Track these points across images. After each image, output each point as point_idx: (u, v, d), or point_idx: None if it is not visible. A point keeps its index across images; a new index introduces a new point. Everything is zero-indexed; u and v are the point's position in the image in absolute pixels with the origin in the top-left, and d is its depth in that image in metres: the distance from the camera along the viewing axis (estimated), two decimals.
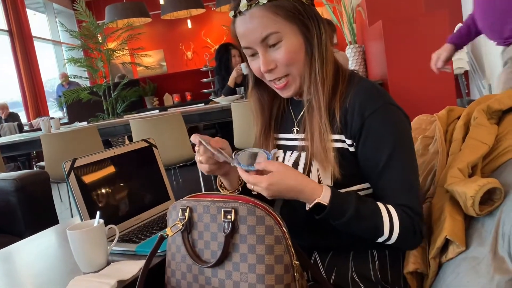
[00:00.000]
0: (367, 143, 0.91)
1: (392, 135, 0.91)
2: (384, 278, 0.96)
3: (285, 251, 0.80)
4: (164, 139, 3.24)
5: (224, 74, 4.35)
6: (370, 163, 0.92)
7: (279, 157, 1.05)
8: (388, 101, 0.93)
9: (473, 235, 0.89)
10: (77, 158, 1.16)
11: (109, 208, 1.20)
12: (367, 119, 0.90)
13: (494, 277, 0.77)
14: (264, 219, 0.81)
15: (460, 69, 4.94)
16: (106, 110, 4.80)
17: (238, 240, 0.82)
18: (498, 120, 1.08)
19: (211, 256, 0.86)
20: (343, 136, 0.94)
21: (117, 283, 0.90)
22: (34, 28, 7.64)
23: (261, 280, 0.79)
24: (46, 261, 1.11)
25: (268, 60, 0.95)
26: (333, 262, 0.99)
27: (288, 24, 0.93)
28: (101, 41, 5.04)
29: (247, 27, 0.94)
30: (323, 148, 0.93)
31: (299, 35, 0.94)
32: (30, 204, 2.06)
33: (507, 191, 0.86)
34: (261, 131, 1.09)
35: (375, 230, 0.88)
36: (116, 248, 1.07)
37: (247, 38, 0.95)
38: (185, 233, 0.90)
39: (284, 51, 0.93)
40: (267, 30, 0.92)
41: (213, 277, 0.86)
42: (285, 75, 0.97)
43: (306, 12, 0.94)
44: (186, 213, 0.90)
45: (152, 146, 1.38)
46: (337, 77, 0.97)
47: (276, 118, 1.09)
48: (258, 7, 0.92)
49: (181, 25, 8.82)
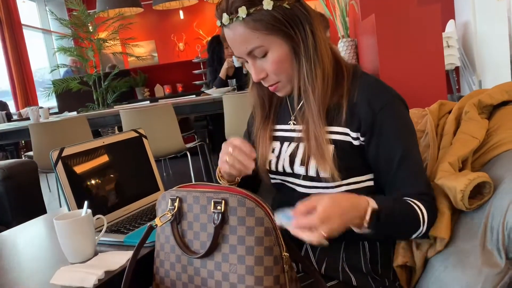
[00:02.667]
0: (382, 138, 0.93)
1: (403, 127, 0.95)
2: (374, 269, 0.97)
3: (274, 243, 0.80)
4: (154, 130, 3.22)
5: (216, 66, 4.33)
6: (385, 156, 0.93)
7: (275, 148, 1.05)
8: (394, 94, 0.96)
9: (462, 229, 0.90)
10: (65, 147, 1.14)
11: (98, 198, 1.18)
12: (378, 115, 0.92)
13: (482, 271, 0.77)
14: (254, 210, 0.80)
15: (451, 65, 4.96)
16: (96, 100, 4.74)
17: (228, 231, 0.82)
18: (489, 114, 1.09)
19: (200, 247, 0.86)
20: (348, 129, 0.95)
21: (105, 274, 0.89)
22: (24, 16, 7.52)
23: (250, 271, 0.79)
24: (32, 251, 1.10)
25: (258, 70, 0.97)
26: (324, 253, 0.99)
27: (270, 37, 0.92)
28: (91, 30, 4.97)
29: (233, 40, 0.95)
30: (318, 147, 0.94)
31: (283, 44, 0.94)
32: (18, 193, 2.04)
33: (496, 185, 0.86)
34: (260, 123, 1.10)
35: (415, 225, 0.89)
36: (104, 239, 1.06)
37: (235, 50, 0.97)
38: (174, 223, 0.90)
39: (271, 62, 0.95)
40: (250, 45, 0.93)
41: (202, 268, 0.85)
42: (276, 82, 0.98)
43: (287, 18, 0.92)
44: (176, 203, 0.90)
45: (142, 137, 1.36)
46: (337, 72, 0.98)
47: (275, 109, 1.10)
48: (238, 21, 0.92)
49: (173, 15, 8.74)
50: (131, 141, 1.34)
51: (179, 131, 3.41)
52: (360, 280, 0.96)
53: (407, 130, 0.95)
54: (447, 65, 4.77)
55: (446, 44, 4.84)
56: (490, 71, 4.94)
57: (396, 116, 0.94)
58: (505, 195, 0.82)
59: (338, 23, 4.43)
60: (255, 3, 0.90)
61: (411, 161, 0.93)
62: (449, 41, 4.88)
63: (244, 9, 0.90)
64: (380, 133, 0.93)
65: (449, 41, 4.88)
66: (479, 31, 5.02)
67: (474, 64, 5.10)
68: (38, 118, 3.78)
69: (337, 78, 0.97)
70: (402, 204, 0.89)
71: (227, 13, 0.92)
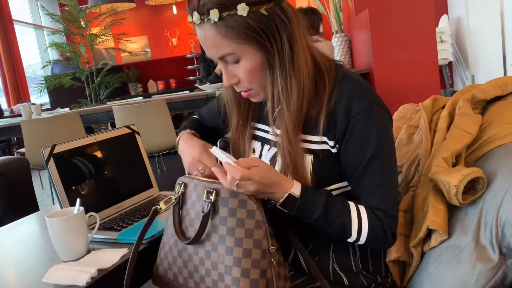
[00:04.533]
0: (350, 143, 0.89)
1: (375, 137, 0.88)
2: (365, 267, 0.96)
3: (264, 236, 0.81)
4: (148, 126, 3.21)
5: (209, 61, 4.31)
6: (351, 163, 0.90)
7: (256, 148, 1.03)
8: (374, 101, 0.89)
9: (456, 224, 0.90)
10: (57, 144, 1.13)
11: (90, 196, 1.17)
12: (352, 120, 0.88)
13: (476, 266, 0.78)
14: (246, 202, 0.82)
15: (444, 60, 4.98)
16: (89, 96, 4.72)
17: (218, 222, 0.83)
18: (483, 110, 1.09)
19: (193, 234, 0.88)
20: (325, 137, 0.91)
21: (98, 272, 0.88)
22: (14, 11, 7.44)
23: (237, 263, 0.80)
24: (25, 249, 1.09)
25: (229, 76, 0.92)
26: (313, 253, 0.98)
27: (243, 45, 0.86)
28: (84, 25, 4.94)
29: (203, 41, 0.89)
30: (292, 161, 0.91)
31: (257, 54, 0.87)
32: (10, 190, 2.02)
33: (490, 180, 0.86)
34: (238, 123, 1.05)
35: (343, 231, 0.88)
36: (96, 236, 1.05)
37: (206, 51, 0.91)
38: (177, 207, 0.93)
39: (243, 70, 0.89)
40: (222, 51, 0.87)
41: (194, 255, 0.88)
42: (249, 89, 0.94)
43: (263, 26, 0.85)
44: (181, 188, 0.93)
45: (135, 133, 1.35)
46: (317, 83, 0.92)
47: (254, 107, 1.05)
48: (210, 24, 0.85)
49: (166, 11, 8.69)
50: (124, 137, 1.33)
51: (173, 127, 3.40)
52: (351, 279, 0.95)
53: (379, 140, 0.88)
54: (440, 60, 4.79)
55: (439, 39, 4.86)
56: (483, 66, 4.96)
57: (370, 124, 0.88)
58: (498, 190, 0.82)
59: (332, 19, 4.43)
60: (228, 7, 0.83)
61: (375, 172, 0.88)
62: (442, 36, 4.89)
63: (216, 12, 0.83)
64: (350, 137, 0.88)
65: (442, 36, 4.89)
66: (472, 26, 5.04)
67: (467, 59, 5.12)
68: (30, 114, 3.75)
69: (317, 89, 0.91)
70: (335, 207, 0.87)
71: (198, 12, 0.85)
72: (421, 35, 3.37)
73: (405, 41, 3.36)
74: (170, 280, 0.93)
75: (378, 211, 0.88)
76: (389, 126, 0.92)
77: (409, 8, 3.48)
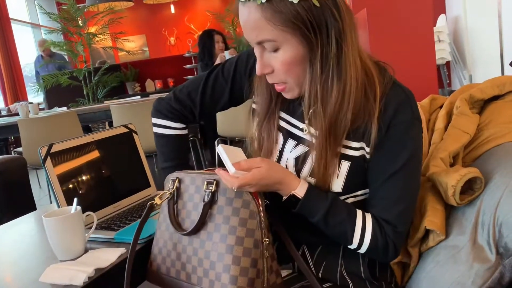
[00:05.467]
0: (384, 150, 0.86)
1: (410, 150, 0.86)
2: (372, 273, 0.95)
3: (257, 227, 0.82)
4: (145, 125, 3.16)
5: (207, 60, 4.31)
6: (378, 169, 0.88)
7: (278, 140, 0.97)
8: (416, 115, 0.87)
9: (453, 224, 0.90)
10: (54, 143, 1.12)
11: (87, 195, 1.17)
12: (392, 128, 0.85)
13: (473, 266, 0.78)
14: (242, 193, 0.83)
15: (442, 59, 4.98)
16: (86, 95, 4.71)
17: (216, 211, 0.85)
18: (480, 109, 1.09)
19: (190, 225, 0.89)
20: (364, 143, 0.87)
21: (95, 271, 0.88)
22: (12, 10, 7.42)
23: (229, 250, 0.81)
24: (22, 249, 1.09)
25: (263, 64, 0.86)
26: (322, 257, 0.97)
27: (286, 34, 0.80)
28: (81, 24, 4.93)
29: (245, 22, 0.83)
30: (326, 166, 0.87)
31: (299, 46, 0.81)
32: (7, 190, 2.02)
33: (487, 180, 0.86)
34: (266, 106, 0.98)
35: (344, 238, 0.88)
36: (94, 236, 1.04)
37: (245, 33, 0.85)
38: (172, 202, 0.94)
39: (281, 60, 0.83)
40: (262, 36, 0.81)
41: (188, 246, 0.89)
42: (283, 82, 0.87)
43: (312, 18, 0.79)
44: (175, 183, 0.94)
45: (132, 132, 1.35)
46: (366, 90, 0.86)
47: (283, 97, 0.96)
48: (256, 4, 0.78)
49: (164, 10, 8.68)
50: (121, 136, 1.32)
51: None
52: (358, 285, 0.94)
53: (411, 155, 0.86)
54: (438, 59, 4.79)
55: (437, 39, 4.86)
56: (481, 65, 4.97)
57: (406, 136, 0.86)
58: (495, 190, 0.82)
59: None
60: None
61: (397, 185, 0.86)
62: (440, 36, 4.89)
63: None
64: (384, 144, 0.86)
65: (440, 35, 4.89)
66: (469, 25, 5.04)
67: (465, 58, 5.13)
68: (28, 113, 3.74)
69: (366, 97, 0.86)
70: (339, 213, 0.86)
71: None
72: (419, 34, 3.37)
73: (403, 40, 3.36)
74: (163, 275, 0.94)
75: (387, 224, 0.87)
76: (421, 143, 0.90)
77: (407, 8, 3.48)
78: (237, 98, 1.09)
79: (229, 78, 1.07)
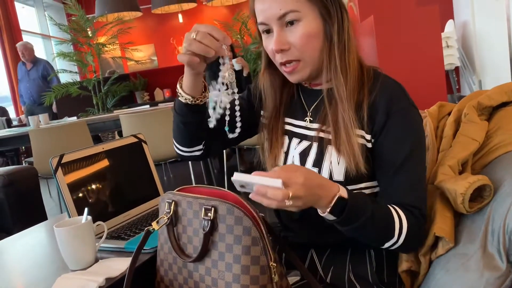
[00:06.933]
0: (388, 138, 0.89)
1: (412, 136, 0.90)
2: (380, 278, 0.95)
3: (261, 253, 0.79)
4: (154, 134, 3.22)
5: (215, 69, 4.31)
6: (387, 159, 0.90)
7: (284, 142, 1.01)
8: (412, 102, 0.93)
9: (463, 232, 0.89)
10: (65, 154, 1.14)
11: (98, 205, 1.18)
12: (392, 114, 0.89)
13: (484, 274, 0.77)
14: (242, 219, 0.79)
15: (451, 65, 4.96)
16: (96, 105, 4.74)
17: (217, 238, 0.82)
18: (489, 116, 1.08)
19: (193, 251, 0.87)
20: (363, 131, 0.91)
21: (105, 281, 0.88)
22: (23, 21, 7.53)
23: (236, 279, 0.79)
24: (33, 258, 1.10)
25: (282, 40, 0.90)
26: (330, 261, 0.97)
27: (309, 5, 0.88)
28: (91, 35, 4.98)
29: (266, 1, 0.89)
30: (349, 142, 0.88)
31: (318, 18, 0.89)
32: (18, 200, 2.04)
33: (496, 188, 0.86)
34: (272, 114, 1.04)
35: (387, 233, 0.85)
36: (104, 245, 1.05)
37: (265, 13, 0.90)
38: (171, 226, 0.91)
39: (301, 33, 0.88)
40: (286, 7, 0.87)
41: (194, 272, 0.87)
42: (297, 59, 0.91)
43: None
44: (172, 207, 0.90)
45: (142, 142, 1.36)
46: (362, 71, 0.94)
47: (285, 103, 1.04)
48: None
49: (172, 19, 8.75)
50: (131, 146, 1.34)
51: None
52: None
53: (416, 139, 0.91)
54: (446, 65, 4.77)
55: (446, 44, 4.84)
56: (490, 71, 4.93)
57: (408, 122, 0.90)
58: (505, 197, 0.81)
59: None
60: None
61: (410, 170, 0.89)
62: (448, 41, 4.88)
63: None
64: (388, 134, 0.89)
65: (448, 41, 4.88)
66: (478, 30, 5.02)
67: (474, 64, 5.10)
68: (38, 123, 3.78)
69: (361, 79, 0.93)
70: (379, 207, 0.85)
71: None
72: (427, 40, 3.36)
73: (410, 46, 3.35)
74: None
75: (414, 208, 0.87)
76: (422, 128, 0.94)
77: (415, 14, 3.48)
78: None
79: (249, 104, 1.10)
